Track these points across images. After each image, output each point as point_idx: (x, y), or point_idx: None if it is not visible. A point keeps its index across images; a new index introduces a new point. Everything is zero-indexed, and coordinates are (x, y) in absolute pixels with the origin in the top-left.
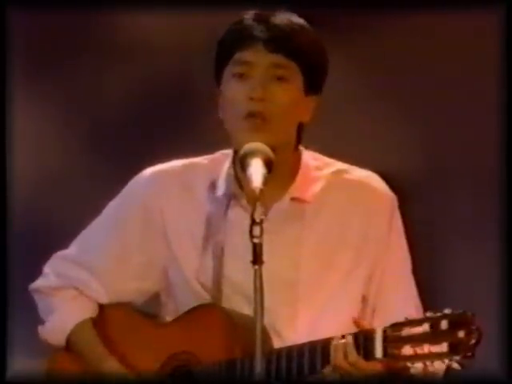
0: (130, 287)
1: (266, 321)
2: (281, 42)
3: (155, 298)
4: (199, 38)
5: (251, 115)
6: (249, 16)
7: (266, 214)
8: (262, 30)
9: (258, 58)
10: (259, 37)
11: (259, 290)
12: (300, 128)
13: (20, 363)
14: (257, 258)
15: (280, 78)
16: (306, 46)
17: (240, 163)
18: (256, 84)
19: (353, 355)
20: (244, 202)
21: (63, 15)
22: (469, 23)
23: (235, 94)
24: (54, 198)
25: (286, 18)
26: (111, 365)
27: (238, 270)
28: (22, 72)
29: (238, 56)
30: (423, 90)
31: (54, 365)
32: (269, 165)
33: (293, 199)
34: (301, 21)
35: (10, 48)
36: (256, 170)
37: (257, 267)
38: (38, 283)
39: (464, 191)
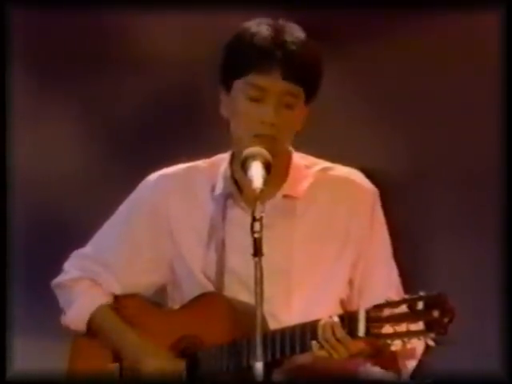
0: (141, 280)
1: (264, 307)
2: (296, 71)
3: (162, 290)
4: (208, 51)
5: (261, 136)
6: (264, 34)
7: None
8: (279, 57)
9: (273, 85)
10: (276, 63)
11: (259, 279)
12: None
13: (20, 363)
14: (257, 251)
15: (288, 105)
16: (313, 72)
17: (241, 165)
18: (269, 110)
19: (340, 332)
20: (241, 201)
21: (75, 21)
22: (469, 23)
23: (248, 114)
24: (67, 198)
25: (299, 40)
26: (132, 337)
27: (239, 262)
28: (32, 75)
29: (253, 79)
30: (419, 90)
31: (77, 347)
32: (268, 167)
33: (285, 196)
34: (308, 40)
35: (24, 51)
36: (256, 172)
37: (257, 259)
38: (59, 278)
39: (449, 187)
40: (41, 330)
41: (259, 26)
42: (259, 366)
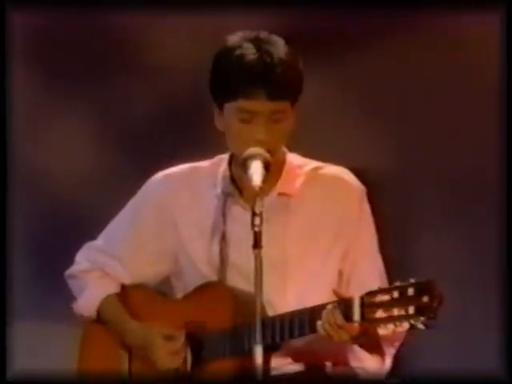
0: (147, 271)
1: (262, 295)
2: (281, 91)
3: (167, 280)
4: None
5: None
6: (248, 58)
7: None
8: (264, 81)
9: (261, 107)
10: (262, 87)
11: (259, 270)
12: None
13: (20, 363)
14: (257, 244)
15: (278, 120)
16: (297, 84)
17: (242, 165)
18: (260, 129)
19: (340, 319)
20: (240, 199)
21: (79, 22)
22: (469, 23)
23: (241, 135)
24: (70, 194)
25: (280, 59)
26: (132, 325)
27: (239, 255)
28: (37, 75)
29: (242, 104)
30: (416, 90)
31: (87, 336)
32: (267, 166)
33: (280, 194)
34: (289, 53)
35: (29, 51)
36: (256, 171)
37: (257, 251)
38: (72, 269)
39: (438, 184)
40: (41, 330)
41: (242, 48)
42: (259, 349)
